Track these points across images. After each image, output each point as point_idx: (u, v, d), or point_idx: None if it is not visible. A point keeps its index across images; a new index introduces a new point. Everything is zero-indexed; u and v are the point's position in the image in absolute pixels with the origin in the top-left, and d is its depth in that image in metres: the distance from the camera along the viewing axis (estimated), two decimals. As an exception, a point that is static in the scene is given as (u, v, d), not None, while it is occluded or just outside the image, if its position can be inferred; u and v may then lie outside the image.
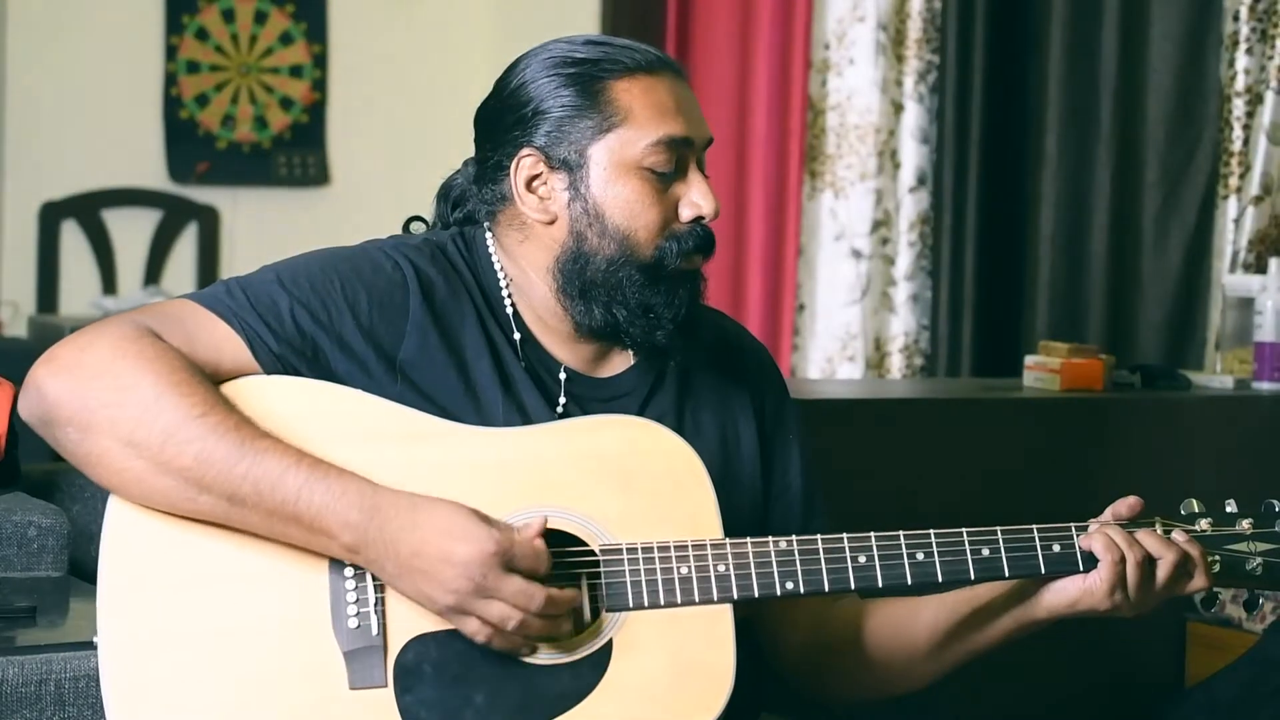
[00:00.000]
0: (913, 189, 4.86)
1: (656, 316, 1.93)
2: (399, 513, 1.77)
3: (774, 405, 2.09)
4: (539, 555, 1.77)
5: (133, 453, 1.77)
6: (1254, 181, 3.94)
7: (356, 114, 6.49)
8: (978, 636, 1.99)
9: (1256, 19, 3.98)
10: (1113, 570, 1.87)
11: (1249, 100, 3.98)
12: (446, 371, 1.91)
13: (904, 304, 4.88)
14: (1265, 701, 2.63)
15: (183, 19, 6.32)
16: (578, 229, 1.94)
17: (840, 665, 2.06)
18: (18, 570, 2.48)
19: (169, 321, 1.85)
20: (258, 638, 1.78)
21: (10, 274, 6.16)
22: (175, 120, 6.32)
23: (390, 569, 1.77)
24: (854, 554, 1.87)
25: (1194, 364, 4.13)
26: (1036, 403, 3.42)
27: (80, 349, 1.80)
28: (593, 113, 1.93)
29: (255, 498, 1.77)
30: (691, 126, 1.95)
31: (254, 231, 6.28)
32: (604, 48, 1.95)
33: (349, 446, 1.82)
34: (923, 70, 4.85)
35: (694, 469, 1.87)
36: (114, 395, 1.77)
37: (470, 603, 1.75)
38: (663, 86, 1.95)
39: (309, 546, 1.79)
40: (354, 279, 1.91)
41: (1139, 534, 1.90)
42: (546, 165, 1.95)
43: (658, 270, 1.93)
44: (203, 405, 1.77)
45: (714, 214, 1.95)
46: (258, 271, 1.92)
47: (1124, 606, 1.90)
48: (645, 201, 1.93)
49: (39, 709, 2.04)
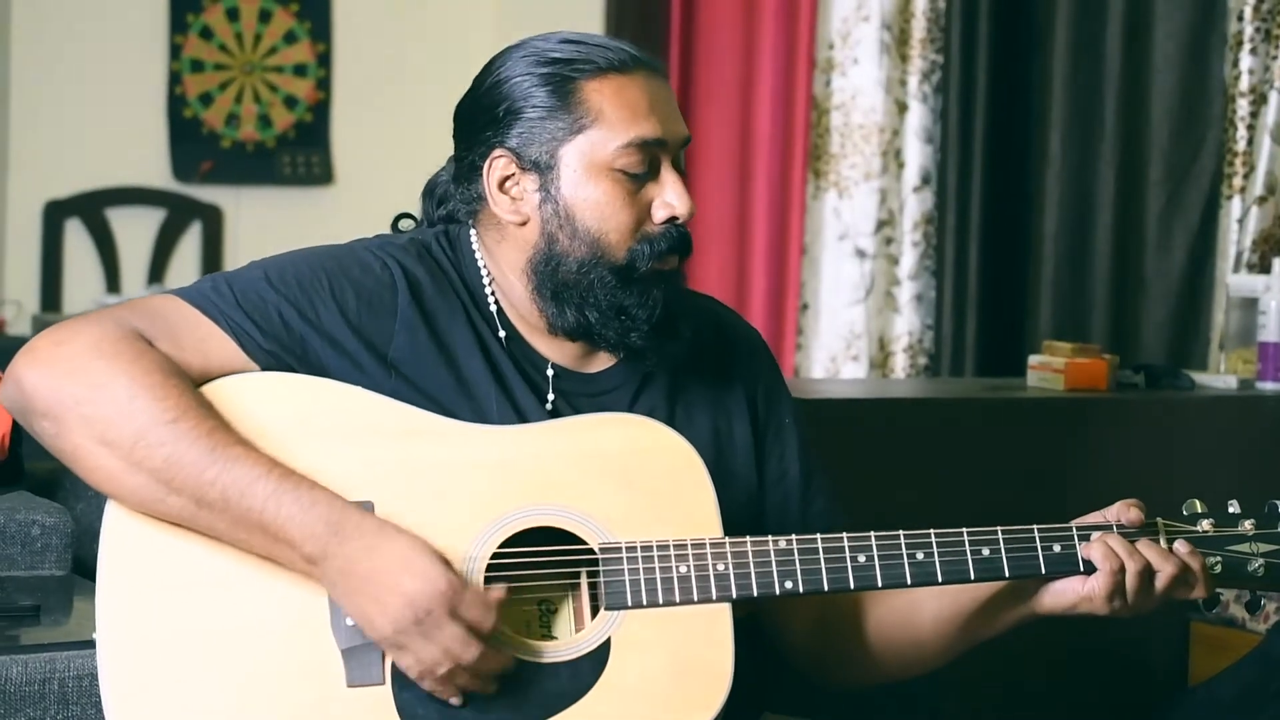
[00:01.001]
0: (917, 188, 4.86)
1: (630, 318, 1.92)
2: (362, 535, 1.76)
3: (766, 393, 2.08)
4: (486, 610, 1.76)
5: (105, 451, 1.77)
6: (1258, 181, 3.94)
7: (361, 113, 6.49)
8: (980, 629, 1.99)
9: (1261, 19, 3.97)
10: (1111, 579, 1.87)
11: (1253, 100, 3.98)
12: (438, 369, 1.91)
13: (908, 303, 4.88)
14: (1268, 702, 2.63)
15: (187, 18, 6.32)
16: (549, 230, 1.93)
17: (845, 651, 2.05)
18: (22, 569, 2.49)
19: (154, 318, 1.84)
20: (256, 636, 1.78)
21: (14, 272, 6.16)
22: (179, 119, 6.32)
23: (341, 586, 1.76)
24: (853, 554, 1.87)
25: (1198, 364, 4.12)
26: (1040, 402, 3.42)
27: (58, 343, 1.80)
28: (563, 114, 1.91)
29: (222, 503, 1.76)
30: (665, 127, 1.92)
31: (258, 231, 6.28)
32: (579, 46, 1.93)
33: (347, 443, 1.82)
34: (927, 70, 4.85)
35: (694, 468, 1.87)
36: (88, 393, 1.77)
37: (407, 638, 1.75)
38: (636, 86, 1.92)
39: (270, 556, 1.78)
40: (341, 278, 1.90)
41: (1140, 544, 1.89)
42: (518, 166, 1.94)
43: (630, 272, 1.92)
44: (176, 410, 1.77)
45: (688, 215, 1.93)
46: (245, 268, 1.91)
47: (1123, 611, 1.90)
48: (616, 203, 1.91)
49: (43, 707, 2.04)
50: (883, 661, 2.05)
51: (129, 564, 1.80)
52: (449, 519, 1.82)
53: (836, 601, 2.05)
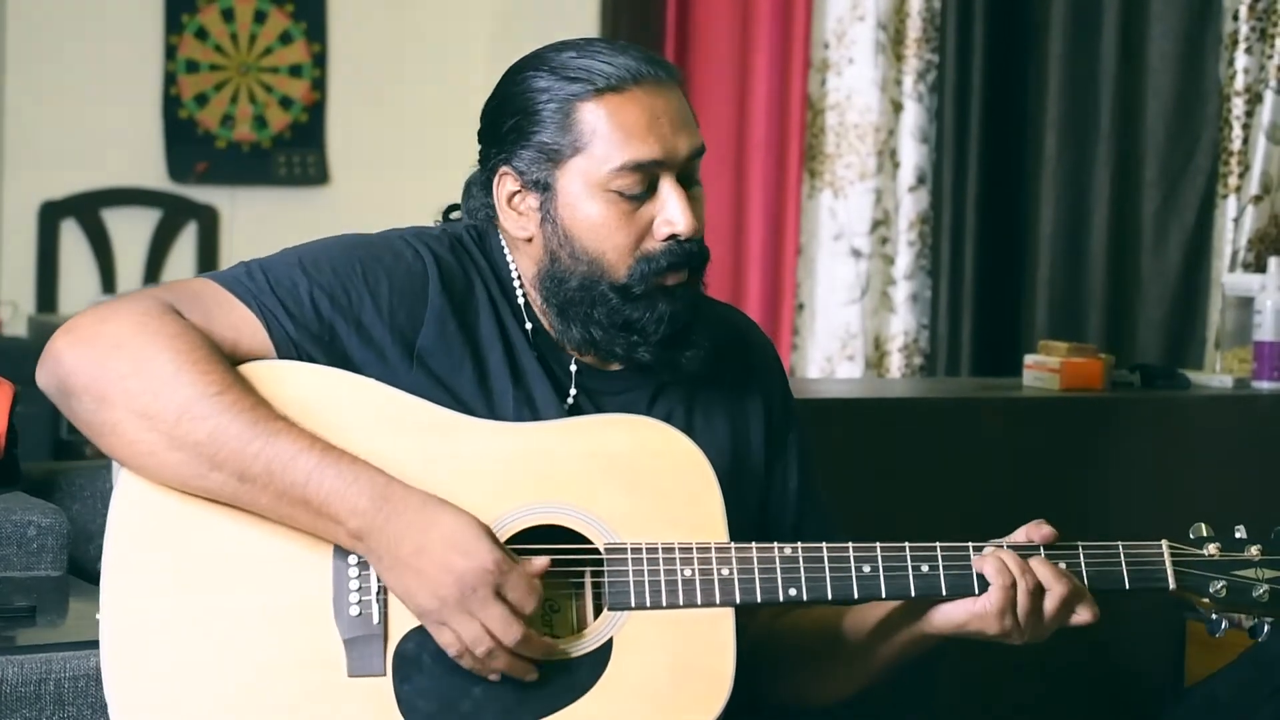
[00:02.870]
0: (912, 188, 4.86)
1: (639, 333, 1.92)
2: (409, 508, 1.77)
3: (780, 405, 2.09)
4: (530, 591, 1.77)
5: (147, 425, 1.78)
6: (1253, 181, 3.94)
7: (356, 114, 6.48)
8: (881, 650, 1.98)
9: (1256, 18, 3.97)
10: (1004, 595, 1.86)
11: (1248, 99, 3.98)
12: (463, 361, 1.92)
13: (903, 303, 4.88)
14: (1264, 701, 2.63)
15: (182, 18, 6.31)
16: (551, 248, 1.94)
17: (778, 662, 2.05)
18: (17, 570, 2.48)
19: (189, 299, 1.86)
20: (260, 624, 1.79)
21: (10, 273, 6.16)
22: (175, 120, 6.31)
23: (387, 560, 1.78)
24: (859, 564, 1.87)
25: (1193, 363, 4.12)
26: (1036, 402, 3.42)
27: (101, 320, 1.81)
28: (561, 136, 1.91)
29: (266, 477, 1.77)
30: (664, 145, 1.90)
31: (253, 231, 6.27)
32: (585, 61, 1.92)
33: (364, 435, 1.83)
34: (922, 69, 4.85)
35: (703, 473, 1.88)
36: (132, 367, 1.78)
37: (451, 614, 1.76)
38: (635, 104, 1.91)
39: (314, 531, 1.79)
40: (376, 266, 1.91)
41: (1032, 562, 1.88)
42: (522, 185, 1.95)
43: (630, 290, 1.91)
44: (220, 383, 1.78)
45: (691, 231, 1.91)
46: (279, 254, 1.93)
47: (1014, 634, 1.88)
48: (612, 224, 1.91)
49: (38, 708, 2.04)
50: (793, 678, 2.04)
51: (134, 549, 1.81)
52: (454, 515, 1.82)
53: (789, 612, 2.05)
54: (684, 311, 1.93)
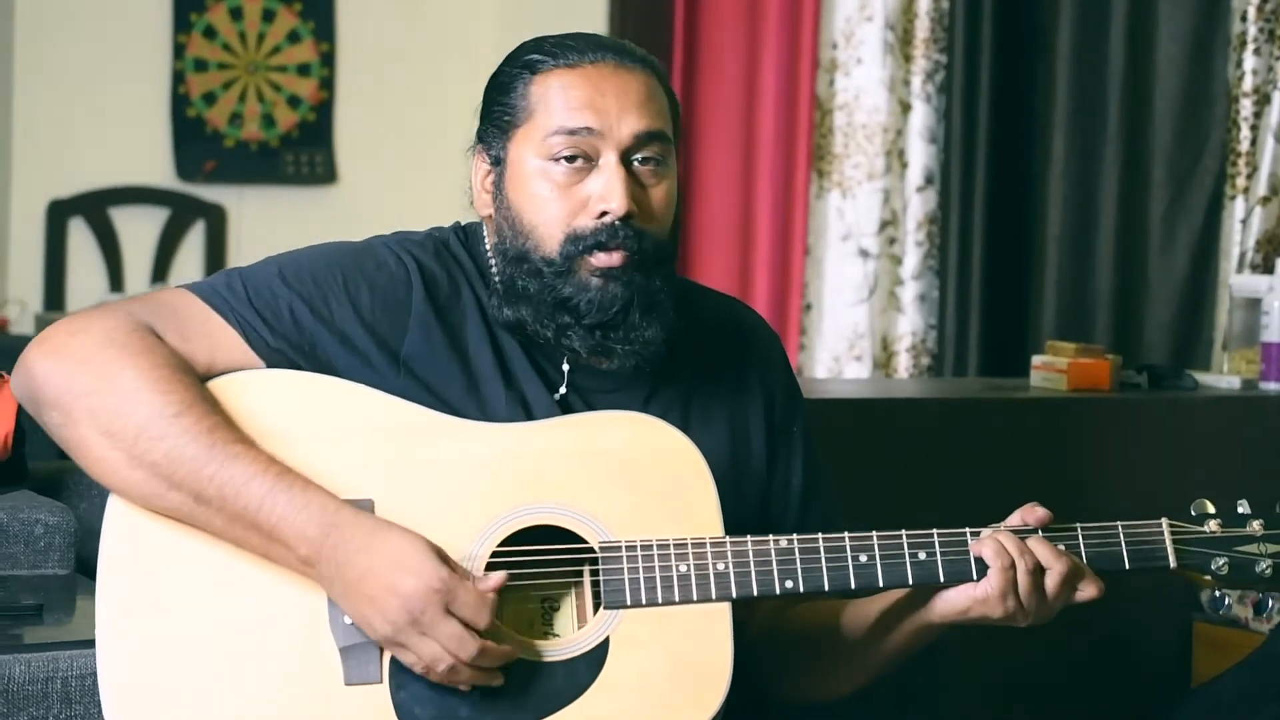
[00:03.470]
0: (920, 188, 4.86)
1: (570, 312, 1.88)
2: (356, 534, 1.76)
3: (783, 399, 2.08)
4: (482, 605, 1.75)
5: (109, 443, 1.78)
6: (1261, 182, 3.94)
7: (364, 112, 6.49)
8: (884, 642, 1.97)
9: (1264, 20, 3.97)
10: (1004, 577, 1.85)
11: (1256, 101, 3.98)
12: (450, 366, 1.91)
13: (911, 303, 4.87)
14: (1271, 702, 2.63)
15: (190, 17, 6.32)
16: (498, 223, 1.95)
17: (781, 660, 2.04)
18: (25, 568, 2.48)
19: (164, 312, 1.85)
20: (254, 634, 1.79)
21: (17, 271, 6.17)
22: (183, 118, 6.32)
23: (338, 588, 1.77)
24: (855, 553, 1.86)
25: (1201, 364, 4.12)
26: (1043, 403, 3.41)
27: (70, 333, 1.81)
28: (511, 110, 1.93)
29: (220, 501, 1.77)
30: (599, 116, 1.89)
31: (261, 230, 6.28)
32: (553, 44, 1.94)
33: (349, 441, 1.83)
34: (930, 70, 4.85)
35: (698, 468, 1.87)
36: (95, 384, 1.78)
37: (406, 636, 1.75)
38: (583, 78, 1.91)
39: (267, 555, 1.79)
40: (357, 274, 1.91)
41: (1030, 542, 1.87)
42: (489, 163, 1.96)
43: (556, 266, 1.89)
44: (180, 404, 1.78)
45: (622, 210, 1.87)
46: (261, 263, 1.92)
47: (1018, 616, 1.87)
48: (546, 195, 1.90)
49: (45, 706, 2.04)
50: (797, 677, 2.03)
51: (128, 562, 1.81)
52: (450, 517, 1.82)
53: (789, 609, 2.04)
54: (622, 297, 1.89)
